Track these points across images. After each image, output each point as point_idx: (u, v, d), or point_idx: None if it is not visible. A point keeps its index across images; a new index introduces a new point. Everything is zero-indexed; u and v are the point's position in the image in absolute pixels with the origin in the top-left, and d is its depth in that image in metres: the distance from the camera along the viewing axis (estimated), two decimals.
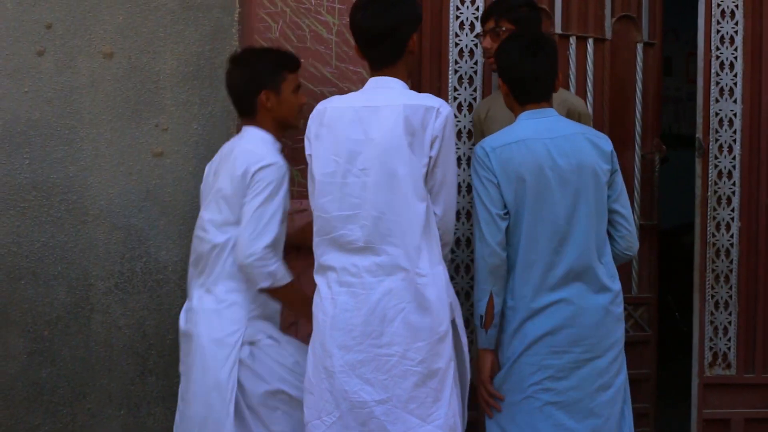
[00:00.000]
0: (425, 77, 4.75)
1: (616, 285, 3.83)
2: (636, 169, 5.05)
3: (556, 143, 3.76)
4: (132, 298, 4.46)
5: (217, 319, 3.86)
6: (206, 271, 3.94)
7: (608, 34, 4.96)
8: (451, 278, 4.76)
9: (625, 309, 5.01)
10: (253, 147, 3.92)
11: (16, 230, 4.39)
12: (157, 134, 4.47)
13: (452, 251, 4.76)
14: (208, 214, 3.95)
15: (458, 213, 4.78)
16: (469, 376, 3.81)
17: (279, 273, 3.84)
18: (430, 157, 3.61)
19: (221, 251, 3.89)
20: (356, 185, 3.65)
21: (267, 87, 3.97)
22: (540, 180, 3.73)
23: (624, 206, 3.87)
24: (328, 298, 3.70)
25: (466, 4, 4.77)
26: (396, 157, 3.61)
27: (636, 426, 5.00)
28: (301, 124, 4.06)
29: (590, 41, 4.93)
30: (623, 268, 5.02)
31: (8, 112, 4.38)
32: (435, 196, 3.65)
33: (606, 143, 3.85)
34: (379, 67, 3.78)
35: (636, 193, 5.06)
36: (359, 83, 4.43)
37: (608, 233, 3.86)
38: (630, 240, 3.88)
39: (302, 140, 4.39)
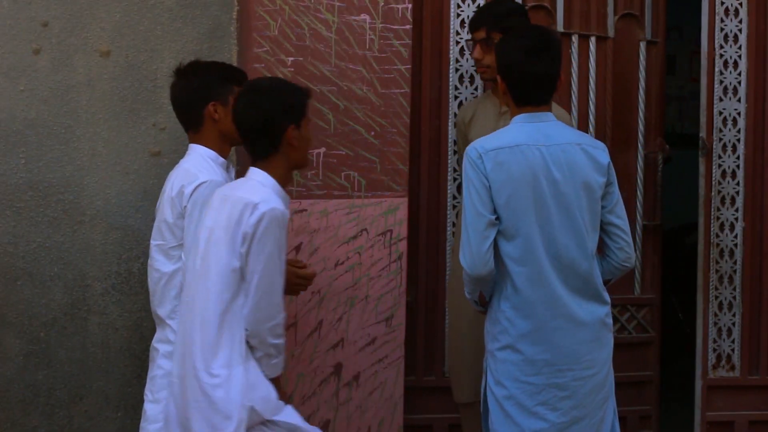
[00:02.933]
0: (426, 76, 4.72)
1: (607, 296, 3.80)
2: (639, 169, 5.01)
3: (551, 152, 3.68)
4: (129, 299, 4.43)
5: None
6: (157, 302, 3.85)
7: (611, 32, 4.93)
8: None
9: (627, 310, 5.02)
10: (190, 166, 3.84)
11: (12, 230, 4.37)
12: (154, 133, 4.44)
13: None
14: (153, 240, 3.88)
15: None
16: None
17: None
18: (241, 254, 3.48)
19: (170, 281, 3.80)
20: (195, 272, 3.57)
21: (215, 98, 3.83)
22: (535, 189, 3.65)
23: (620, 216, 3.79)
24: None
25: (467, 2, 4.75)
26: (214, 250, 3.50)
27: (639, 428, 5.02)
28: None
29: (593, 39, 4.90)
30: None
31: (4, 111, 4.36)
32: (247, 293, 3.50)
33: (603, 155, 3.76)
34: (253, 160, 3.61)
35: (639, 193, 5.02)
36: (358, 81, 4.43)
37: (605, 245, 3.81)
38: (628, 251, 3.81)
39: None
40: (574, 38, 4.88)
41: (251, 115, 3.55)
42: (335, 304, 4.46)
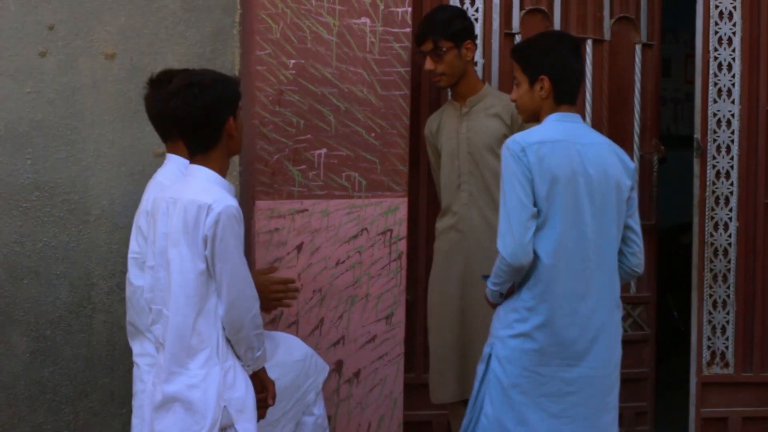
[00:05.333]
0: (425, 78, 4.73)
1: (620, 301, 3.84)
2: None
3: (586, 150, 3.74)
4: None
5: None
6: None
7: (607, 35, 4.96)
8: None
9: (623, 308, 5.04)
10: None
11: (19, 230, 4.40)
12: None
13: None
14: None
15: None
16: None
17: None
18: (206, 256, 3.46)
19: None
20: (162, 280, 3.56)
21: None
22: (572, 186, 3.70)
23: (637, 223, 3.85)
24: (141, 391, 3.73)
25: (465, 6, 4.77)
26: (175, 255, 3.48)
27: (635, 425, 5.05)
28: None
29: (589, 42, 4.93)
30: None
31: (11, 112, 4.39)
32: (219, 293, 3.49)
33: (629, 160, 3.85)
34: (192, 154, 3.57)
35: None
36: (359, 84, 4.45)
37: (619, 249, 3.84)
38: (640, 257, 3.86)
39: (303, 140, 4.42)
40: None
41: (193, 109, 3.49)
42: (336, 302, 4.48)
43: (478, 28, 4.76)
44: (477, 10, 4.78)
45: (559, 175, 3.69)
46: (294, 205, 4.41)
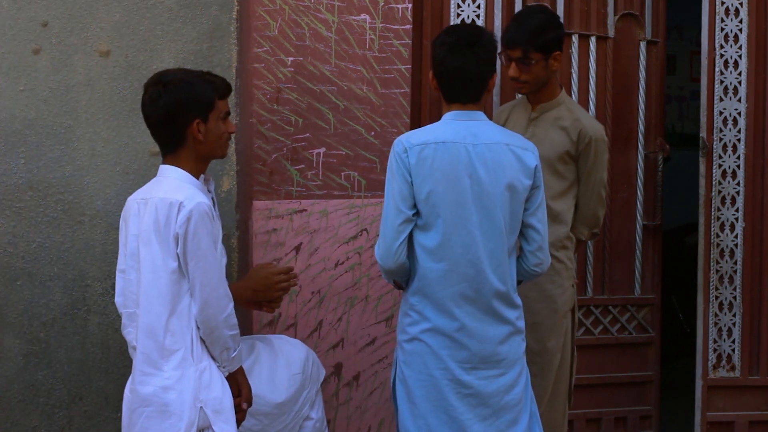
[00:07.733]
0: (426, 76, 4.71)
1: (518, 300, 3.78)
2: (639, 169, 5.01)
3: (477, 150, 3.67)
4: None
5: None
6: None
7: (611, 32, 4.93)
8: None
9: (627, 310, 5.02)
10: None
11: (12, 230, 4.36)
12: None
13: None
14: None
15: None
16: None
17: None
18: (178, 254, 3.48)
19: None
20: (133, 282, 3.57)
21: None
22: (457, 187, 3.65)
23: (540, 221, 3.77)
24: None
25: (467, 2, 4.74)
26: (147, 254, 3.49)
27: (639, 428, 5.01)
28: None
29: (593, 39, 4.90)
30: (626, 269, 5.00)
31: (4, 110, 4.35)
32: (192, 292, 3.50)
33: (531, 158, 3.73)
34: (163, 154, 3.60)
35: (639, 193, 5.02)
36: (358, 81, 4.42)
37: (520, 247, 3.78)
38: (540, 257, 3.78)
39: (301, 139, 4.39)
40: (575, 38, 4.88)
41: (155, 108, 3.53)
42: (335, 304, 4.46)
43: (480, 25, 4.71)
44: (479, 7, 4.75)
45: (441, 178, 3.65)
46: (292, 205, 4.39)
